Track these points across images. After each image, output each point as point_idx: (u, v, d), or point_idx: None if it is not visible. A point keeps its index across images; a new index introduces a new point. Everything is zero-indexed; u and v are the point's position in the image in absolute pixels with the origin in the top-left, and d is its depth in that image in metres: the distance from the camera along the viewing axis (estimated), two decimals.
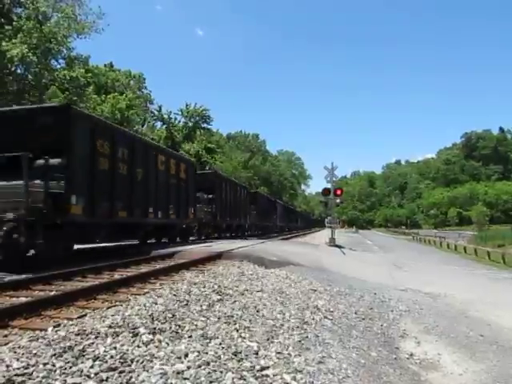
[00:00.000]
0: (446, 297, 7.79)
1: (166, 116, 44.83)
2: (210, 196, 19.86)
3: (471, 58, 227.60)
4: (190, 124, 47.32)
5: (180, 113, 47.08)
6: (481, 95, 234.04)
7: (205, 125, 48.93)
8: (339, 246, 21.60)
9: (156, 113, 44.78)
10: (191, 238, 17.13)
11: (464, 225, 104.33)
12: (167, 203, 13.62)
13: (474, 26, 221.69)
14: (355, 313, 5.62)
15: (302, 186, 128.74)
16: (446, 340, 4.84)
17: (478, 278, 12.98)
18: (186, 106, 47.39)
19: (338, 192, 23.37)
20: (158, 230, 13.96)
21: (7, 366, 2.73)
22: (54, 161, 8.12)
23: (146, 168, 12.05)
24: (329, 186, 22.99)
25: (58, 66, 24.75)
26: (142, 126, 43.61)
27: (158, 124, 46.71)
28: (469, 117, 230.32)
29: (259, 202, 31.62)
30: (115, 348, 3.21)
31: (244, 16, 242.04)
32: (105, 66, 37.15)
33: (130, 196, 11.05)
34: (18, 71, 22.41)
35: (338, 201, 25.10)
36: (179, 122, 47.12)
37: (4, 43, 20.29)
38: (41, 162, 7.95)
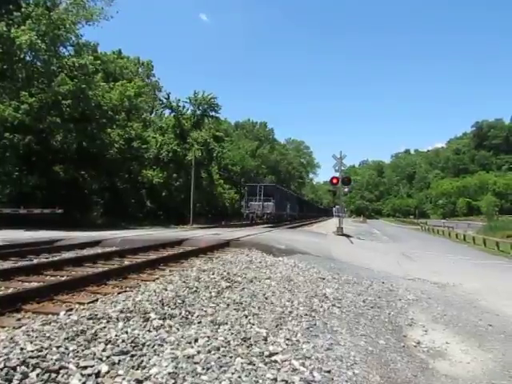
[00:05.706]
0: (454, 286, 7.78)
1: (174, 104, 44.45)
2: None
3: (483, 45, 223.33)
4: (199, 112, 47.02)
5: (188, 101, 46.80)
6: (492, 84, 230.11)
7: (213, 113, 48.54)
8: (347, 236, 21.63)
9: (164, 100, 44.48)
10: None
11: (473, 215, 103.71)
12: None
13: (486, 13, 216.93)
14: (363, 301, 5.63)
15: (310, 175, 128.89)
16: (454, 329, 4.84)
17: (487, 269, 12.93)
18: (195, 93, 47.02)
19: (347, 181, 23.33)
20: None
21: (21, 349, 2.78)
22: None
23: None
24: (337, 174, 22.94)
25: (67, 53, 24.69)
26: (151, 114, 43.52)
27: (167, 112, 46.55)
28: (480, 106, 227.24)
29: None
30: (126, 332, 3.26)
31: (251, 1, 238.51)
32: (113, 53, 36.97)
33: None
34: (27, 58, 22.35)
35: (346, 190, 25.05)
36: (187, 110, 46.92)
37: (13, 30, 20.26)
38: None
